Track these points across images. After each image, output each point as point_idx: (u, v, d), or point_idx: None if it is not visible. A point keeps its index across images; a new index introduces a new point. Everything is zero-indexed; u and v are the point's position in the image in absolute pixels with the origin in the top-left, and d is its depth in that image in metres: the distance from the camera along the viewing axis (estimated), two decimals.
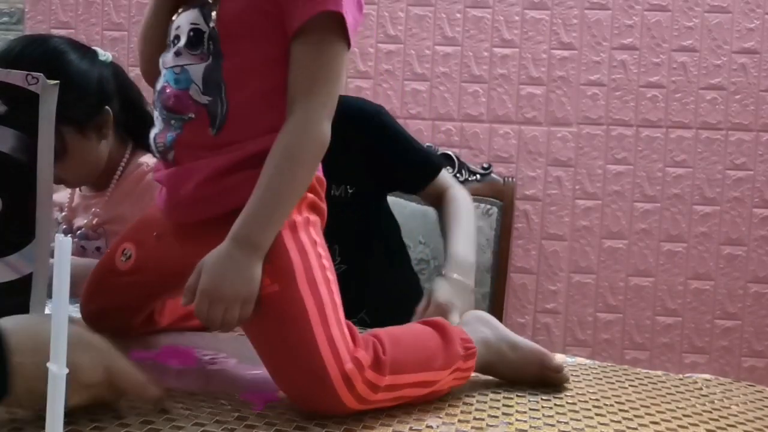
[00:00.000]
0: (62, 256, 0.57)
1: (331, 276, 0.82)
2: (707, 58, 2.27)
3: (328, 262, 0.83)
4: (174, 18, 0.90)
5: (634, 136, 2.27)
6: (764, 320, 2.29)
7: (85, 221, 1.44)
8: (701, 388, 1.00)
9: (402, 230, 1.74)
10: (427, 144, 1.87)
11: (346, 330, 0.77)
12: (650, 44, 2.26)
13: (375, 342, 0.79)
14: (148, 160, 1.43)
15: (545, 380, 0.93)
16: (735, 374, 2.25)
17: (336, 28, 0.82)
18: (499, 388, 0.92)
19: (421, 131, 2.33)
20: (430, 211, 1.78)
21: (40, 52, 1.33)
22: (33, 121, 0.96)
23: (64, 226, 1.49)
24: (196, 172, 0.85)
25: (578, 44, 2.28)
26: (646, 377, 1.04)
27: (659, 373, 1.08)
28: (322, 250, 0.84)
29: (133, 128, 1.45)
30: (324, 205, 0.90)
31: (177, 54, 0.86)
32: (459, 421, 0.79)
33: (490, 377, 0.96)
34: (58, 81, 0.97)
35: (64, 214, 1.51)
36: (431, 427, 0.77)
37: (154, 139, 0.90)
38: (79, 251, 1.46)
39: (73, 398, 0.67)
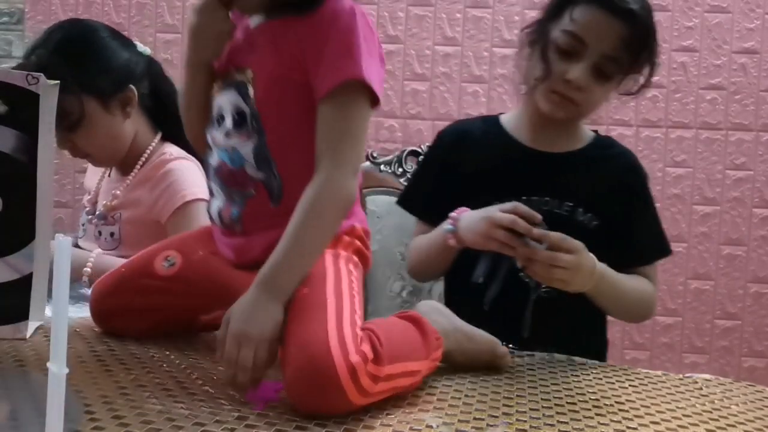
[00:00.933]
0: (62, 256, 0.57)
1: (358, 296, 0.86)
2: (707, 58, 2.27)
3: (357, 286, 0.89)
4: (215, 95, 0.95)
5: (634, 136, 2.27)
6: (764, 320, 2.29)
7: (105, 202, 1.46)
8: (701, 388, 1.00)
9: (402, 230, 1.73)
10: (427, 144, 1.86)
11: (359, 331, 0.79)
12: None
13: (371, 335, 0.80)
14: (171, 149, 1.47)
15: (494, 366, 0.99)
16: (735, 374, 2.25)
17: (360, 89, 0.86)
18: (499, 387, 0.92)
19: (421, 131, 2.33)
20: None
21: (73, 27, 1.41)
22: (33, 121, 0.96)
23: (88, 208, 1.51)
24: (263, 241, 0.92)
25: None
26: (646, 377, 1.04)
27: (659, 373, 1.08)
28: (356, 280, 0.90)
29: (165, 120, 1.49)
30: (369, 254, 0.97)
31: (227, 135, 0.93)
32: (459, 421, 0.79)
33: (489, 376, 0.96)
34: (57, 81, 0.98)
35: (89, 197, 1.53)
36: (431, 427, 0.77)
37: (219, 213, 0.97)
38: (95, 235, 1.47)
39: None
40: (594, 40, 1.15)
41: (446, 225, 1.15)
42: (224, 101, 0.93)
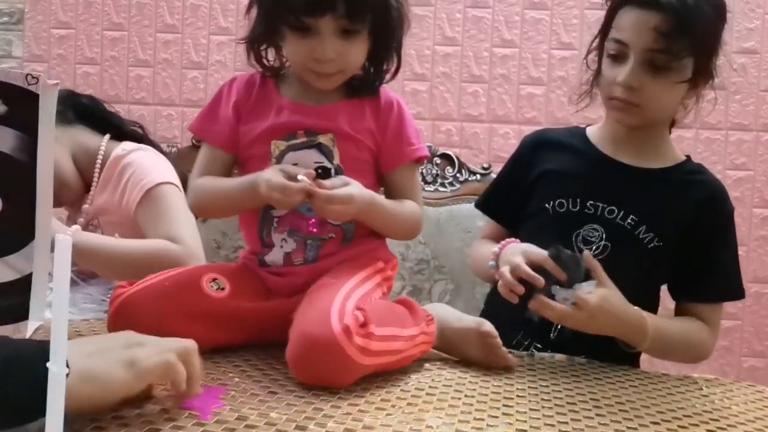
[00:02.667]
0: (62, 256, 0.57)
1: (378, 297, 1.02)
2: None
3: (381, 295, 1.05)
4: (277, 153, 1.06)
5: None
6: (764, 320, 2.29)
7: (81, 219, 1.45)
8: (701, 388, 1.00)
9: None
10: (427, 144, 1.87)
11: (359, 313, 0.89)
12: None
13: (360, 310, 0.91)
14: (124, 144, 1.46)
15: (486, 348, 1.02)
16: (735, 374, 2.25)
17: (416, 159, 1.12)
18: (500, 387, 0.93)
19: (421, 131, 2.32)
20: (430, 210, 1.78)
21: None
22: (33, 121, 0.96)
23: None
24: (330, 266, 1.04)
25: (578, 44, 2.28)
26: (646, 377, 1.04)
27: (659, 373, 1.08)
28: (381, 291, 1.05)
29: (103, 124, 1.51)
30: (392, 282, 1.14)
31: None
32: (459, 421, 0.79)
33: (489, 376, 0.96)
34: (57, 81, 0.98)
35: (68, 216, 1.52)
36: (431, 427, 0.77)
37: (284, 257, 1.07)
38: None
39: None
40: (634, 39, 1.15)
41: (490, 260, 1.15)
42: (300, 159, 1.05)
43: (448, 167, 1.84)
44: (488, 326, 1.03)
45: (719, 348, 2.28)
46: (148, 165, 1.41)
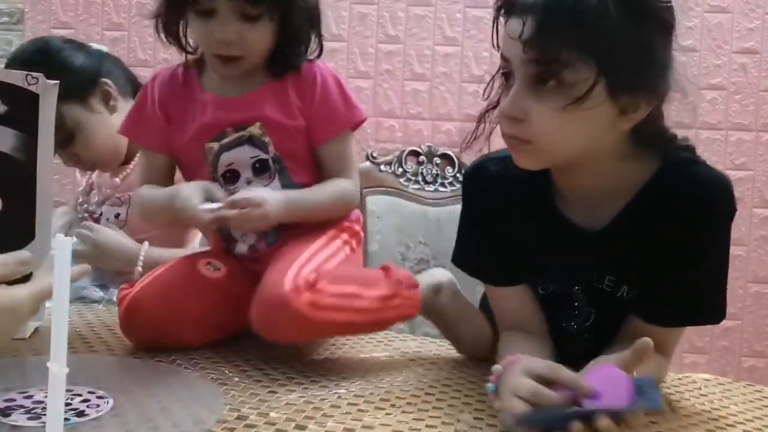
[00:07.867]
0: (62, 256, 0.57)
1: (346, 255, 1.06)
2: (707, 58, 2.27)
3: (344, 256, 1.07)
4: (212, 156, 1.07)
5: None
6: (764, 320, 2.29)
7: (105, 193, 1.48)
8: (701, 388, 1.00)
9: (402, 230, 1.73)
10: (427, 144, 1.87)
11: (312, 275, 0.93)
12: None
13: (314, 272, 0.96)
14: None
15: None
16: (735, 374, 2.25)
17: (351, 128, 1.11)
18: None
19: (421, 131, 2.33)
20: (430, 210, 1.78)
21: (29, 45, 1.45)
22: (33, 121, 0.96)
23: (81, 199, 1.52)
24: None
25: None
26: None
27: None
28: (348, 251, 1.09)
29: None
30: (360, 232, 1.16)
31: (248, 182, 1.07)
32: (458, 420, 0.79)
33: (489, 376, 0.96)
34: (57, 81, 0.98)
35: (81, 188, 1.55)
36: (431, 426, 0.77)
37: (249, 248, 1.09)
38: (93, 220, 1.47)
39: None
40: (511, 52, 0.87)
41: (489, 383, 0.81)
42: (234, 157, 1.06)
43: (448, 167, 1.84)
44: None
45: (719, 348, 2.28)
46: None
